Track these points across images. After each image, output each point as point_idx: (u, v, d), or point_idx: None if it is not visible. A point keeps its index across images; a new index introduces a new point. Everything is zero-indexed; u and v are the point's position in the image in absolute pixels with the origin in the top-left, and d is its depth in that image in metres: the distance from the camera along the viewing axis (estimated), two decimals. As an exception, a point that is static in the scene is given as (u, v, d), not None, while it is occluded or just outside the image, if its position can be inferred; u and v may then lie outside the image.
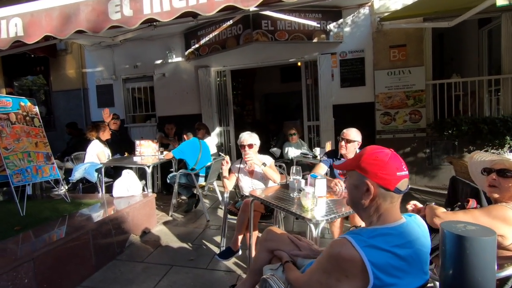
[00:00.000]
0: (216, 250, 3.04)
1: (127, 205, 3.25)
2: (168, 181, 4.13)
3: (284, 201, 2.14)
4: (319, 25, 5.51)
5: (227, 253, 2.58)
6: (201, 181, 3.99)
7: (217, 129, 6.53)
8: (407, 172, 1.06)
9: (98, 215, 2.95)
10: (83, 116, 7.04)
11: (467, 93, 5.42)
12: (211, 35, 5.90)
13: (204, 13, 2.23)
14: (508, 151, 5.12)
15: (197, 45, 6.14)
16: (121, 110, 6.90)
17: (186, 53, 6.35)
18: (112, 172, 4.24)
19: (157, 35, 6.45)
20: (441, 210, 1.59)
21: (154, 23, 5.03)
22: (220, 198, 4.31)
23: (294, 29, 5.44)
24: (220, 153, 3.25)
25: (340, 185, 2.33)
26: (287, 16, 5.38)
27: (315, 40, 5.52)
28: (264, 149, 8.18)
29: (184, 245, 3.17)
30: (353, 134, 2.72)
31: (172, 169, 5.19)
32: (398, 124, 5.67)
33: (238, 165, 2.91)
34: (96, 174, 4.03)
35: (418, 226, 1.11)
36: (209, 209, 4.22)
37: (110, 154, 4.42)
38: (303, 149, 4.68)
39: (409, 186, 1.09)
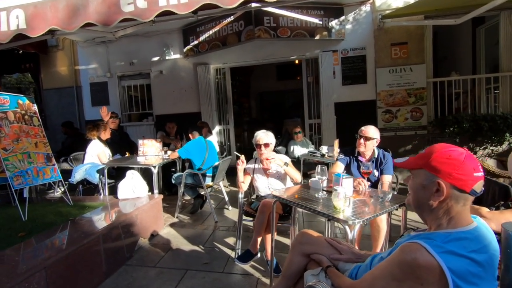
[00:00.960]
0: (230, 252, 2.95)
1: (134, 207, 3.11)
2: (173, 181, 4.00)
3: (310, 201, 2.06)
4: (321, 22, 5.46)
5: (247, 256, 2.49)
6: (208, 181, 3.88)
7: (217, 128, 6.41)
8: (483, 173, 1.00)
9: (106, 219, 2.80)
10: (76, 115, 6.78)
11: (465, 91, 5.50)
12: (211, 32, 5.76)
13: (225, 5, 2.12)
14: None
15: (196, 42, 6.00)
16: (116, 108, 6.68)
17: (185, 50, 6.19)
18: (114, 173, 4.08)
19: (154, 31, 6.27)
20: (485, 209, 1.55)
21: (153, 19, 4.89)
22: (227, 199, 4.22)
23: (296, 26, 5.37)
24: (236, 152, 3.13)
25: (364, 184, 2.27)
26: (289, 13, 5.31)
27: (317, 37, 5.46)
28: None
29: (196, 248, 3.07)
30: (372, 131, 2.67)
31: (173, 169, 5.06)
32: (400, 122, 5.69)
33: (252, 165, 2.82)
34: (97, 175, 3.87)
35: (487, 229, 1.06)
36: (215, 210, 4.11)
37: (111, 154, 4.25)
38: (310, 147, 4.62)
39: (484, 189, 1.03)
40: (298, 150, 4.55)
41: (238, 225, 2.79)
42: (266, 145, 2.70)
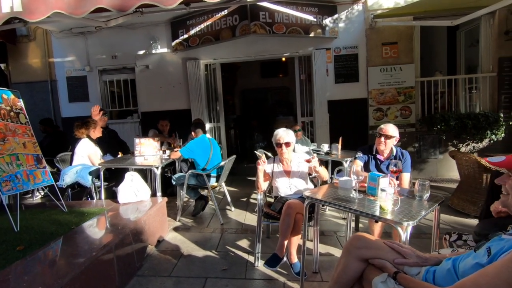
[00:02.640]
0: (246, 256, 2.83)
1: (142, 212, 2.87)
2: (174, 182, 3.77)
3: (346, 202, 2.00)
4: (315, 20, 5.44)
5: (275, 261, 2.38)
6: (212, 181, 3.70)
7: (207, 126, 6.19)
8: None
9: (115, 226, 2.54)
10: (52, 112, 6.22)
11: (445, 90, 5.78)
12: (202, 25, 5.53)
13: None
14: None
15: (186, 36, 5.73)
16: (97, 104, 6.20)
17: (173, 43, 5.89)
18: (107, 174, 3.75)
19: (139, 23, 5.90)
20: None
21: (141, 9, 4.60)
22: (229, 199, 4.06)
23: (292, 23, 5.30)
24: (256, 151, 2.94)
25: (393, 183, 2.25)
26: (284, 9, 5.23)
27: (311, 34, 5.44)
28: (253, 146, 7.99)
29: (209, 253, 2.90)
30: (392, 129, 2.67)
31: (166, 169, 4.80)
32: (390, 120, 5.83)
33: (271, 165, 2.71)
34: (90, 177, 3.54)
35: None
36: (215, 210, 3.95)
37: (102, 155, 3.92)
38: (310, 145, 4.58)
39: None
40: (299, 149, 4.47)
41: (258, 227, 2.66)
42: (287, 144, 2.60)
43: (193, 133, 3.81)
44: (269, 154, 3.68)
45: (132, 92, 6.27)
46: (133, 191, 3.14)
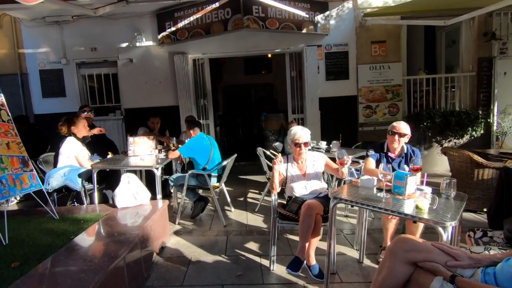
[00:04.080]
0: (257, 259, 2.72)
1: (145, 217, 2.65)
2: (171, 183, 3.55)
3: (375, 201, 1.96)
4: (307, 16, 5.39)
5: (297, 264, 2.28)
6: (214, 182, 3.53)
7: (196, 123, 5.95)
8: None
9: (120, 235, 2.29)
10: (22, 108, 5.67)
11: (429, 89, 6.00)
12: (192, 18, 5.27)
13: None
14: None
15: (173, 28, 5.44)
16: (74, 100, 5.78)
17: (159, 36, 5.58)
18: (98, 177, 3.44)
19: (122, 14, 5.54)
20: None
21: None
22: (229, 200, 3.91)
23: (285, 18, 5.21)
24: (272, 150, 2.84)
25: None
26: (277, 3, 5.11)
27: (304, 30, 5.38)
28: (243, 144, 7.83)
29: (218, 257, 2.75)
30: (405, 127, 2.67)
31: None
32: (379, 117, 5.96)
33: (284, 164, 2.60)
34: (80, 180, 3.23)
35: None
36: (216, 212, 3.79)
37: (90, 155, 3.61)
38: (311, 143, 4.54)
39: None
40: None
41: (272, 229, 2.55)
42: (306, 144, 2.51)
43: (191, 131, 3.61)
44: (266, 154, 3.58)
45: (114, 88, 5.88)
46: (132, 194, 2.90)
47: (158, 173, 3.09)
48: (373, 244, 2.94)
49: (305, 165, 2.60)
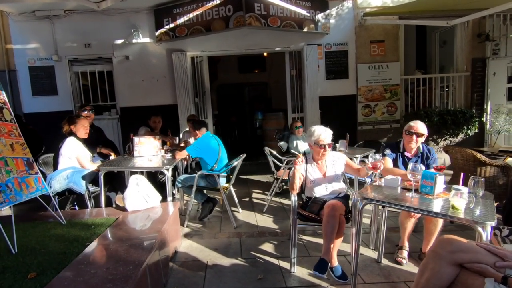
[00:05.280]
0: (276, 261, 2.66)
1: (160, 221, 2.54)
2: (179, 185, 3.43)
3: (405, 201, 1.94)
4: (308, 14, 5.35)
5: (323, 266, 2.23)
6: (223, 182, 3.44)
7: (195, 122, 5.82)
8: None
9: (138, 240, 2.17)
10: (11, 106, 5.34)
11: (426, 88, 6.12)
12: (191, 15, 5.14)
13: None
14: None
15: (172, 25, 5.29)
16: (67, 99, 5.54)
17: (157, 33, 5.41)
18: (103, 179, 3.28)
19: (117, 9, 5.35)
20: None
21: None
22: (236, 200, 3.83)
23: (286, 16, 5.15)
24: (293, 151, 2.76)
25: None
26: (279, 1, 5.05)
27: (305, 29, 5.35)
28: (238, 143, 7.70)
29: (235, 261, 2.67)
30: (423, 127, 2.67)
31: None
32: (377, 116, 6.01)
33: (304, 165, 2.55)
34: (84, 182, 3.07)
35: None
36: (225, 214, 3.71)
37: (92, 156, 3.44)
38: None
39: None
40: (302, 145, 4.39)
41: (292, 231, 2.49)
42: (329, 145, 2.46)
43: (197, 131, 3.50)
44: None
45: (109, 86, 5.66)
46: (143, 196, 2.78)
47: (168, 174, 2.98)
48: (387, 243, 2.93)
49: (325, 165, 2.56)
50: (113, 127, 5.63)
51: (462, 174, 2.00)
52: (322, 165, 2.56)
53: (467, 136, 5.95)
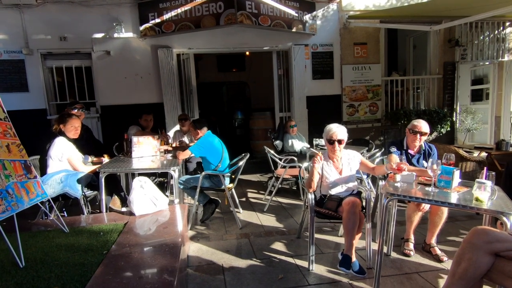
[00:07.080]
0: (291, 260, 2.65)
1: (173, 225, 2.41)
2: (182, 186, 3.28)
3: (428, 195, 2.03)
4: (297, 15, 5.43)
5: (347, 262, 2.26)
6: (227, 182, 3.35)
7: (182, 121, 5.63)
8: None
9: (159, 247, 2.02)
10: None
11: (404, 89, 6.50)
12: (179, 10, 4.96)
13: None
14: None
15: (158, 20, 5.07)
16: (39, 96, 5.08)
17: (142, 28, 5.15)
18: (96, 181, 3.04)
19: (96, 0, 5.04)
20: None
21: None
22: (237, 200, 3.76)
23: (276, 16, 5.18)
24: (312, 149, 2.70)
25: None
26: (269, 0, 5.05)
27: (294, 29, 5.41)
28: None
29: (251, 262, 2.62)
30: (426, 126, 2.82)
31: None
32: (361, 115, 6.25)
33: (321, 163, 2.56)
34: (79, 186, 2.82)
35: None
36: (226, 215, 3.63)
37: (83, 157, 3.18)
38: (304, 141, 4.58)
39: None
40: (297, 144, 4.43)
41: (310, 228, 2.49)
42: (341, 141, 2.49)
43: (199, 131, 3.39)
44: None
45: (87, 82, 5.28)
46: (150, 199, 2.62)
47: (175, 175, 2.83)
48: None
49: (340, 163, 2.59)
50: (93, 126, 5.24)
51: (485, 168, 2.13)
52: (338, 163, 2.60)
53: (440, 134, 6.39)
